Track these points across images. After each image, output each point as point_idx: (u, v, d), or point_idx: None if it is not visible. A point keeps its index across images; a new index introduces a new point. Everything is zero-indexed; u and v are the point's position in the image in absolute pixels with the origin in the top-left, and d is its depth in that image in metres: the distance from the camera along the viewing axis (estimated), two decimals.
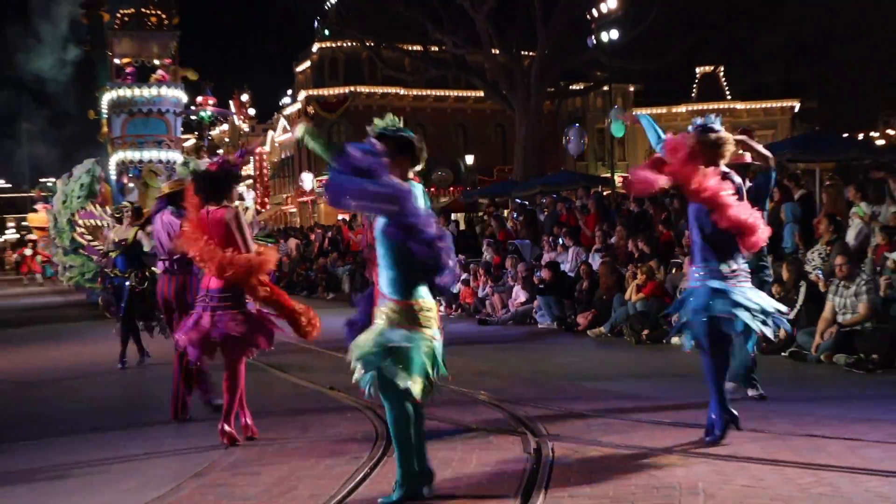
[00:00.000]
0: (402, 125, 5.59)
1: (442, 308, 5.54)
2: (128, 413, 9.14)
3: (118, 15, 32.37)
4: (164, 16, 32.10)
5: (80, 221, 13.03)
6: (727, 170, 6.86)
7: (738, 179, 6.87)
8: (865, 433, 6.71)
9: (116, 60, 31.69)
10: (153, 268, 11.41)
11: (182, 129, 33.18)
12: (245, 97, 58.23)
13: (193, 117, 37.04)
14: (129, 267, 12.11)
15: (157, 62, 31.72)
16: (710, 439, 6.56)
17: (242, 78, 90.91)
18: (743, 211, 6.61)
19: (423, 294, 5.30)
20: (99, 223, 13.77)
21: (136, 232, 11.90)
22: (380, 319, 5.29)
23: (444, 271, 5.29)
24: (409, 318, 5.24)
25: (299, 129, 5.89)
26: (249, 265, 7.01)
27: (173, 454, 7.14)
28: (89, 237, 13.04)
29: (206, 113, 37.74)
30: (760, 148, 7.66)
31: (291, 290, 27.13)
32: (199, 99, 38.33)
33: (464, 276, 18.17)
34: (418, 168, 5.53)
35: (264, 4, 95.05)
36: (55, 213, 13.16)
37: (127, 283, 12.07)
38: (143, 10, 32.13)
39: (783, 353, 10.90)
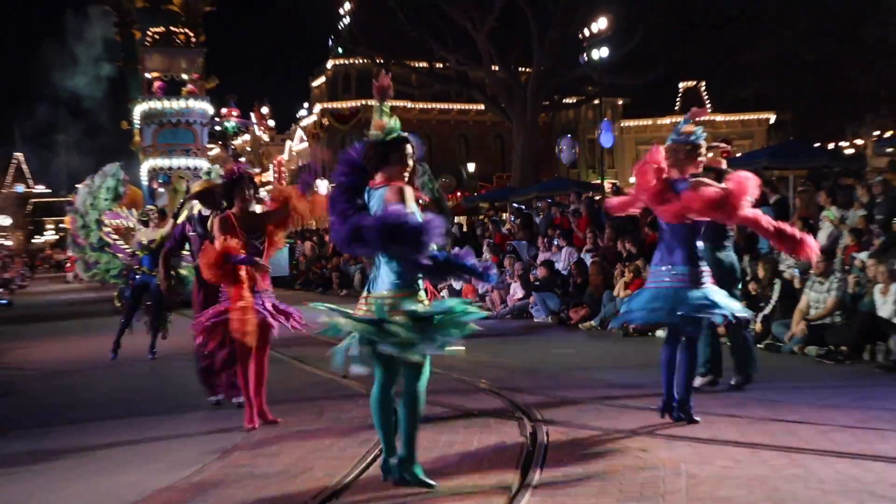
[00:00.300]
0: (392, 129, 5.38)
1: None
2: (157, 400, 9.14)
3: (149, 33, 32.39)
4: (191, 34, 32.12)
5: (107, 221, 12.90)
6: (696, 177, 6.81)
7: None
8: (835, 419, 6.71)
9: (147, 75, 31.72)
10: (178, 268, 11.34)
11: (207, 138, 33.17)
12: (265, 110, 58.29)
13: (218, 128, 37.00)
14: (155, 266, 11.75)
15: (185, 77, 31.73)
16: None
17: (262, 92, 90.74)
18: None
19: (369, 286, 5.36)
20: (125, 224, 13.63)
21: (161, 234, 11.79)
22: None
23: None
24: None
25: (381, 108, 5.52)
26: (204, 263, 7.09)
27: (198, 437, 7.15)
28: (115, 236, 12.91)
29: (231, 123, 37.53)
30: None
31: (308, 287, 27.20)
32: (224, 111, 38.11)
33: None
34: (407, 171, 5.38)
35: (282, 25, 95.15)
36: (81, 214, 13.00)
37: (154, 281, 11.78)
38: (172, 28, 32.14)
39: (759, 345, 10.90)
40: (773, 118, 52.99)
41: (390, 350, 5.11)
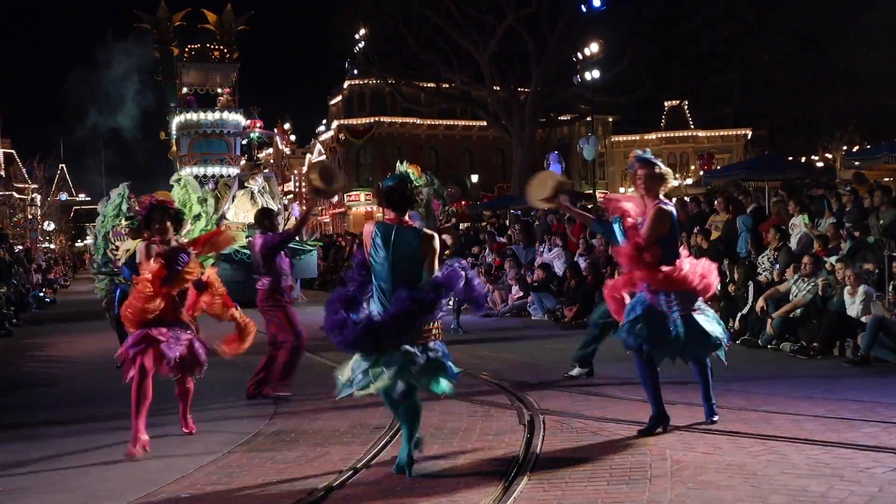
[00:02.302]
0: (402, 173, 5.60)
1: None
2: None
3: (186, 49, 32.27)
4: (225, 50, 31.99)
5: (113, 238, 12.15)
6: (664, 199, 6.24)
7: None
8: (807, 409, 6.68)
9: (185, 89, 31.58)
10: None
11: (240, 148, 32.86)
12: (287, 125, 58.29)
13: (244, 141, 36.63)
14: (132, 276, 10.40)
15: (219, 90, 31.56)
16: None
17: (285, 109, 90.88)
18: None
19: None
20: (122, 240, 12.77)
21: (136, 245, 10.74)
22: None
23: None
24: None
25: None
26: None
27: (226, 426, 7.13)
28: (119, 254, 12.12)
29: (255, 134, 36.34)
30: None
31: (325, 288, 27.21)
32: (248, 122, 36.67)
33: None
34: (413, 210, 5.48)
35: (304, 49, 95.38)
36: (95, 233, 12.33)
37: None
38: (207, 45, 32.03)
39: (737, 342, 10.87)
40: (750, 134, 52.97)
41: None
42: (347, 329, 5.14)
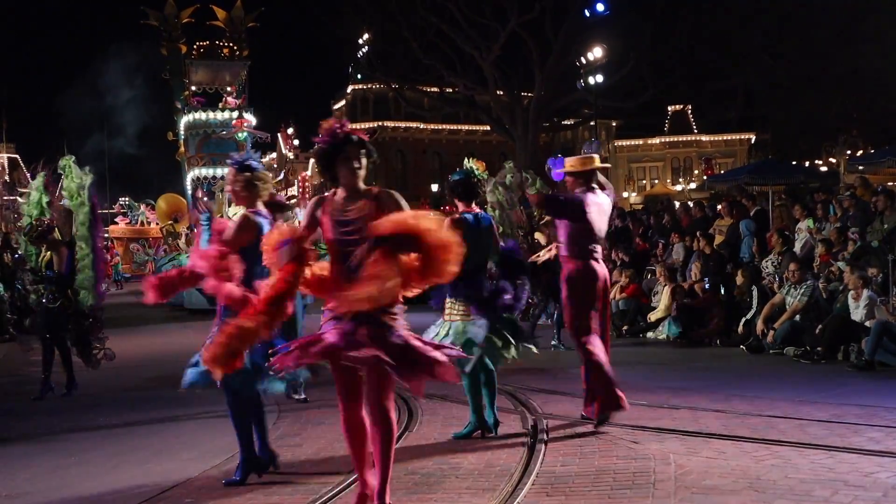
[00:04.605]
0: (468, 168, 6.29)
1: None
2: (191, 398, 9.08)
3: (194, 47, 31.91)
4: (235, 48, 31.65)
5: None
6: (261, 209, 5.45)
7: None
8: (811, 414, 6.67)
9: (193, 87, 31.29)
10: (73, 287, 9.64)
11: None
12: (290, 130, 58.34)
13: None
14: (54, 289, 9.60)
15: (228, 89, 31.23)
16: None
17: (289, 113, 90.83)
18: None
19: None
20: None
21: (49, 253, 9.67)
22: None
23: None
24: None
25: None
26: None
27: (228, 429, 7.09)
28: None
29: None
30: None
31: None
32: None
33: None
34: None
35: (307, 53, 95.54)
36: (23, 236, 10.33)
37: (53, 308, 9.55)
38: (216, 42, 31.67)
39: (742, 346, 10.87)
40: (753, 138, 52.98)
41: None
42: None
